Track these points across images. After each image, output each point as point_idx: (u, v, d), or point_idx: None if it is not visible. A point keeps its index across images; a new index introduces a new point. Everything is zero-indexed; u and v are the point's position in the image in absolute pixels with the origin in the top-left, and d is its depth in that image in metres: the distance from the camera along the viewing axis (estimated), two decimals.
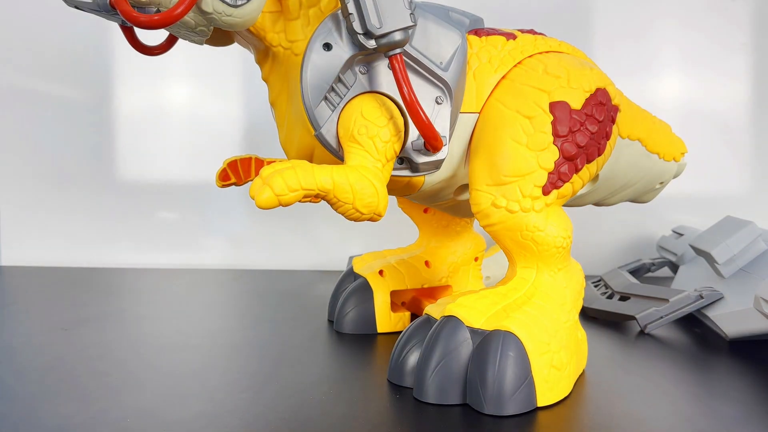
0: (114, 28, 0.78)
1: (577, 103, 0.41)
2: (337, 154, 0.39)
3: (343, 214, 0.37)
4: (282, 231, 0.86)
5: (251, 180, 0.48)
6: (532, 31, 0.46)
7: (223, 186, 0.50)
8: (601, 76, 0.43)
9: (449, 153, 0.42)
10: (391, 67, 0.37)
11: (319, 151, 0.41)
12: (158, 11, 0.35)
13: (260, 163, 0.48)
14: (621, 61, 0.82)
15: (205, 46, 0.42)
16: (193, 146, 0.85)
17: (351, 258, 0.64)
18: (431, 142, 0.38)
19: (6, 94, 0.83)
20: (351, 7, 0.35)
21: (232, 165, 0.50)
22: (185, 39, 0.41)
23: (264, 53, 0.42)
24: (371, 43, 0.36)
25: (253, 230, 0.86)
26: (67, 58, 0.83)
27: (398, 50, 0.36)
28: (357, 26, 0.36)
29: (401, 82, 0.37)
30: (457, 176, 0.44)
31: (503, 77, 0.42)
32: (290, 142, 0.43)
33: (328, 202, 0.36)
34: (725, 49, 0.82)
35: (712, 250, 0.54)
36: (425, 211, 0.57)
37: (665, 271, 0.74)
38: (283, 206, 0.34)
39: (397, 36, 0.36)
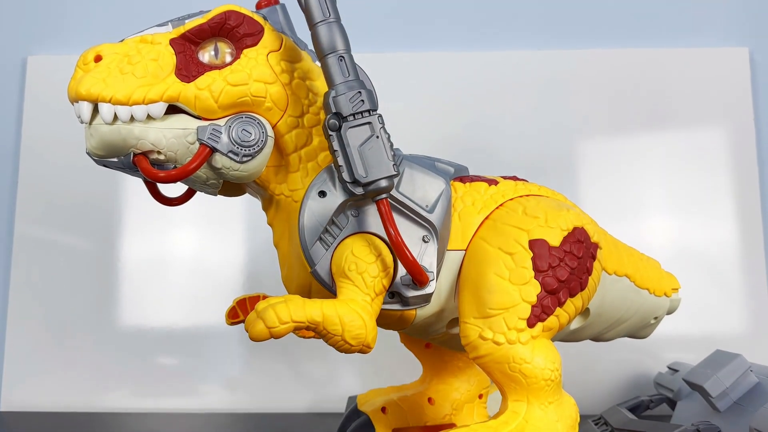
0: (120, 177, 0.81)
1: (555, 241, 0.44)
2: (330, 289, 0.43)
3: (333, 346, 0.39)
4: (279, 373, 0.85)
5: None
6: (514, 178, 0.51)
7: (232, 324, 0.53)
8: (578, 216, 0.47)
9: (438, 287, 0.45)
10: (378, 210, 0.41)
11: (316, 287, 0.44)
12: (175, 167, 0.41)
13: None
14: (607, 204, 0.86)
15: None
16: (194, 292, 0.87)
17: (349, 398, 0.64)
18: (417, 277, 0.42)
19: (18, 242, 0.87)
20: (340, 161, 0.40)
21: (241, 303, 0.53)
22: (200, 191, 0.46)
23: (269, 201, 0.47)
24: (359, 190, 0.41)
25: (251, 373, 0.86)
26: (75, 206, 0.88)
27: (384, 195, 0.41)
28: (346, 176, 0.41)
29: (387, 224, 0.41)
30: (447, 309, 0.46)
31: (486, 218, 0.46)
32: (291, 279, 0.47)
33: (318, 334, 0.38)
34: (708, 190, 0.87)
35: (705, 383, 0.54)
36: (427, 346, 0.58)
37: (665, 408, 0.73)
38: (275, 338, 0.37)
39: (382, 183, 0.40)
